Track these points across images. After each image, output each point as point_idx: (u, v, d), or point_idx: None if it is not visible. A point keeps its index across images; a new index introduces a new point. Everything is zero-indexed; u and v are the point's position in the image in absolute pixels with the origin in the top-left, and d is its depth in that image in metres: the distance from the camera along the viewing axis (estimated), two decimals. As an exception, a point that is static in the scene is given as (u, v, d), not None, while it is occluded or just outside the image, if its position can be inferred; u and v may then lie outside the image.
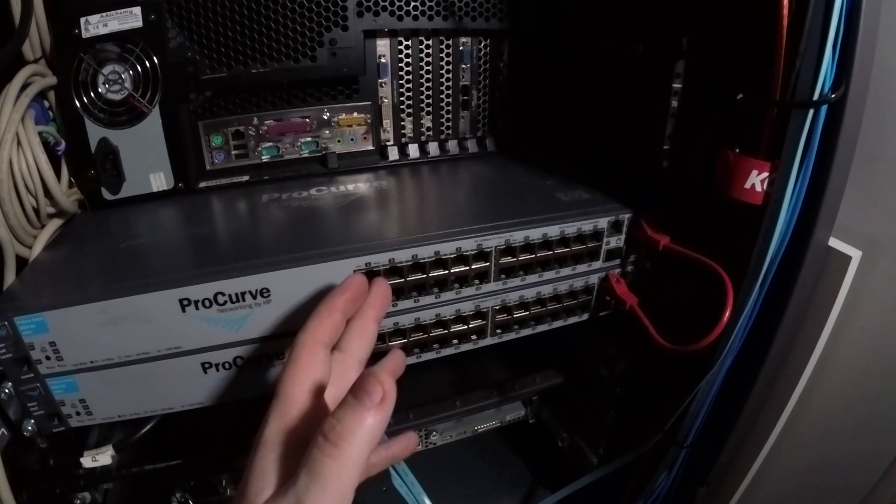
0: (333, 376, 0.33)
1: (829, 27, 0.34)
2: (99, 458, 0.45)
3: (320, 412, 0.29)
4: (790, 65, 0.36)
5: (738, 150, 0.40)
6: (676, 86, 0.46)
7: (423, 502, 0.51)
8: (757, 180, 0.39)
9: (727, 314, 0.41)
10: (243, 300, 0.39)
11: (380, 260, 0.42)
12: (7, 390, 0.39)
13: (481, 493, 0.70)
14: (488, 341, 0.49)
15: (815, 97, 0.35)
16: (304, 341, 0.32)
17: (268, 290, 0.40)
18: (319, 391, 0.30)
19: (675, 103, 0.47)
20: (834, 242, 0.43)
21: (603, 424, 0.61)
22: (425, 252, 0.43)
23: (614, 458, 0.58)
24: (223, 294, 0.39)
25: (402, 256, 0.42)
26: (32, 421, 0.41)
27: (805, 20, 0.35)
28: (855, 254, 0.44)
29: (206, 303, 0.39)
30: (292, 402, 0.29)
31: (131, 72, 0.50)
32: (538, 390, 0.64)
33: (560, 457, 0.69)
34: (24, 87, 0.44)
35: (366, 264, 0.41)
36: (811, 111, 0.36)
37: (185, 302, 0.38)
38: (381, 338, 0.45)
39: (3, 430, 0.39)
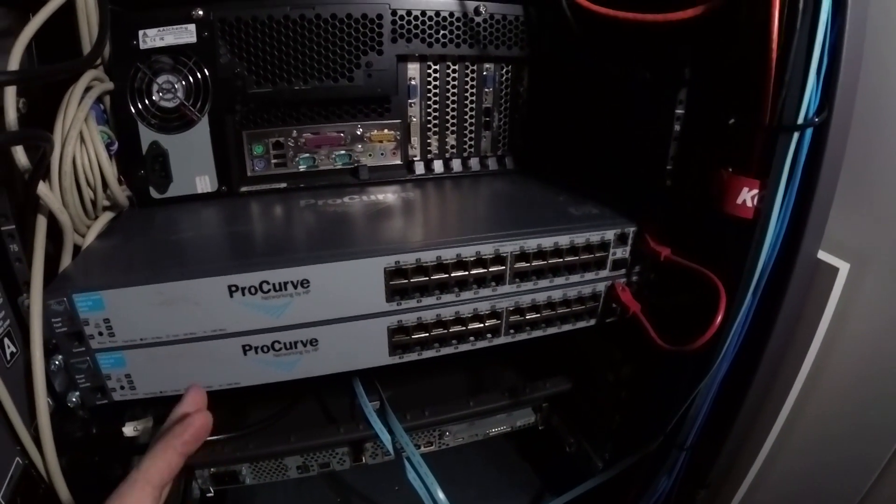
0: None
1: (811, 58, 0.38)
2: (140, 427, 0.47)
3: None
4: (778, 92, 0.40)
5: (731, 170, 0.44)
6: (679, 111, 0.50)
7: (437, 494, 0.52)
8: (748, 196, 0.43)
9: (719, 318, 0.44)
10: (285, 290, 0.43)
11: (408, 259, 0.46)
12: (57, 362, 0.42)
13: (491, 496, 0.72)
14: (502, 340, 0.52)
15: (800, 121, 0.39)
16: (136, 479, 0.36)
17: (308, 282, 0.43)
18: None
19: (677, 127, 0.51)
20: (823, 255, 0.47)
21: (609, 428, 0.63)
22: (448, 254, 0.47)
23: (619, 462, 0.60)
24: (268, 283, 0.42)
25: (428, 257, 0.46)
26: (78, 393, 0.44)
27: (790, 52, 0.39)
28: (843, 266, 0.47)
29: (252, 290, 0.42)
30: None
31: (184, 82, 0.55)
32: (547, 395, 0.66)
33: (568, 462, 0.71)
34: (86, 90, 0.48)
35: (395, 262, 0.45)
36: (796, 133, 0.40)
37: (234, 288, 0.42)
38: (405, 330, 0.48)
39: (48, 400, 0.42)
